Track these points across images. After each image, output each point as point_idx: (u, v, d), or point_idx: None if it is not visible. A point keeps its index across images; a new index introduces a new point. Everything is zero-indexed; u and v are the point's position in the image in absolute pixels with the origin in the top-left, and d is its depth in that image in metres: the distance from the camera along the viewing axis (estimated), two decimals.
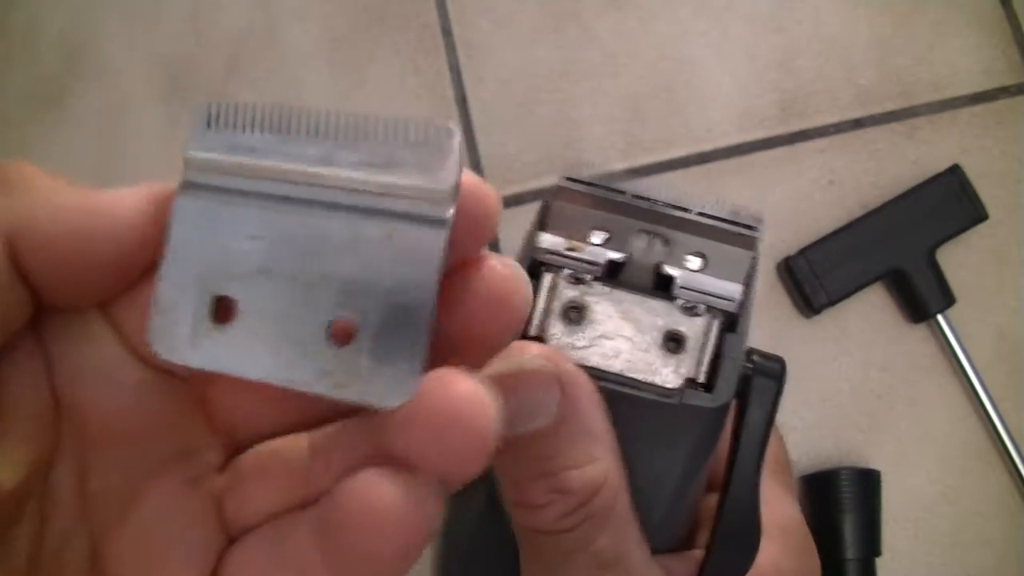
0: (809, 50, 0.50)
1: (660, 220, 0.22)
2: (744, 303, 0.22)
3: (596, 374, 0.21)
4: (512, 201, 0.48)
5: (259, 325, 0.17)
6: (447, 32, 0.50)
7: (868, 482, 0.44)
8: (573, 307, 0.22)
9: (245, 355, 0.17)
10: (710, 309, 0.22)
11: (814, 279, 0.46)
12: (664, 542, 0.25)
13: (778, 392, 0.23)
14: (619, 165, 0.49)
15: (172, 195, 0.17)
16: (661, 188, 0.23)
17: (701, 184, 0.48)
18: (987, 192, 0.47)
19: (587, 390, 0.21)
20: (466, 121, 0.50)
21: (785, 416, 0.46)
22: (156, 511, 0.18)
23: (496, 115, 0.50)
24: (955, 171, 0.47)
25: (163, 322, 0.17)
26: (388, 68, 0.50)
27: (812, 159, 0.49)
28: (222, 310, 0.17)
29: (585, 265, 0.22)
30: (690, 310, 0.22)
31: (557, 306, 0.22)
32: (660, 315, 0.22)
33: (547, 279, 0.22)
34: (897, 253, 0.46)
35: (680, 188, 0.23)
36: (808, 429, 0.46)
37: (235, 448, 0.19)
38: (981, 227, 0.47)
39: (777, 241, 0.48)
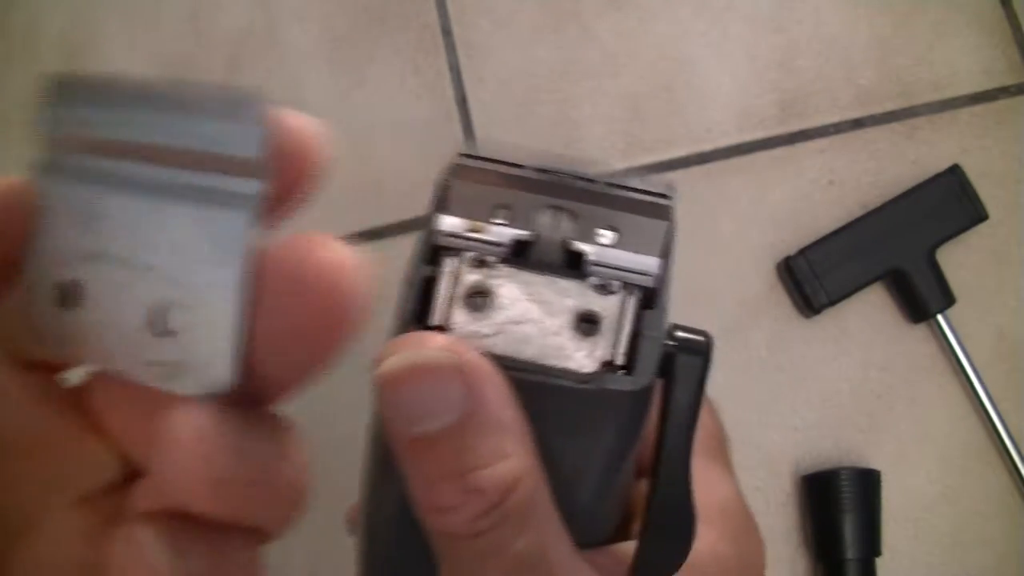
0: (809, 50, 0.50)
1: (566, 193, 0.21)
2: (662, 277, 0.21)
3: (506, 363, 0.20)
4: None
5: (98, 312, 0.17)
6: (447, 32, 0.50)
7: (868, 482, 0.44)
8: (477, 292, 0.20)
9: (87, 342, 0.17)
10: (626, 285, 0.20)
11: (814, 279, 0.46)
12: (595, 535, 0.23)
13: (704, 369, 0.21)
14: (619, 165, 0.49)
15: (22, 186, 0.17)
16: (565, 159, 0.22)
17: (701, 184, 0.48)
18: (987, 192, 0.47)
19: (494, 381, 0.19)
20: (466, 121, 0.50)
21: (785, 416, 0.46)
22: (49, 537, 0.18)
23: (496, 115, 0.50)
24: (955, 171, 0.47)
25: (24, 306, 0.17)
26: (388, 68, 0.50)
27: (812, 159, 0.49)
28: (70, 295, 0.17)
29: (488, 247, 0.20)
30: (604, 288, 0.20)
31: (460, 292, 0.20)
32: (571, 295, 0.20)
33: (449, 264, 0.20)
34: (897, 253, 0.46)
35: (585, 159, 0.22)
36: (808, 429, 0.46)
37: (133, 467, 0.19)
38: (981, 227, 0.47)
39: (777, 241, 0.48)
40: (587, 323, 0.20)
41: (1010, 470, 0.46)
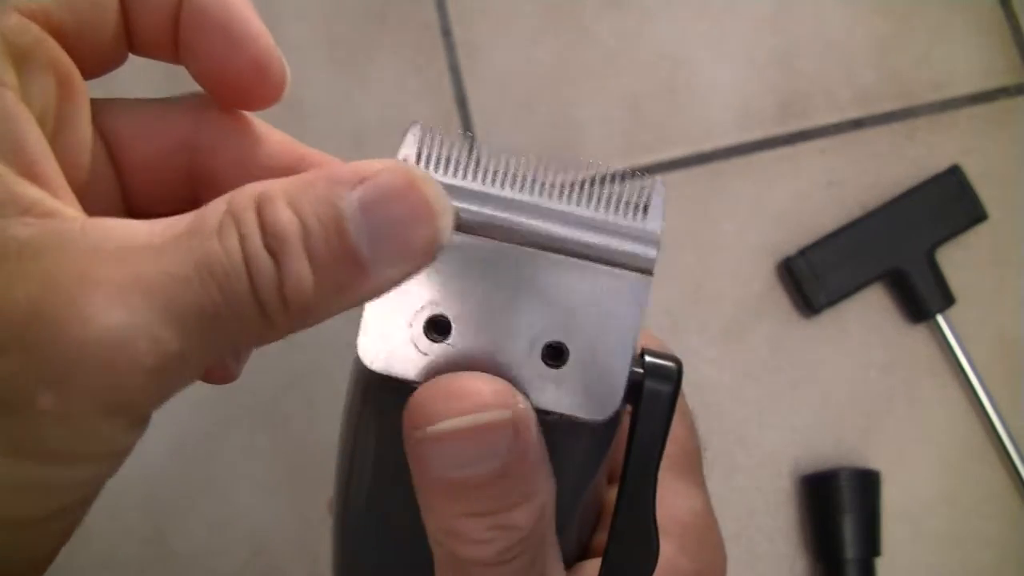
0: (809, 50, 0.50)
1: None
2: None
3: None
4: None
5: (474, 343, 0.19)
6: (447, 32, 0.50)
7: (868, 482, 0.44)
8: (438, 318, 0.21)
9: (460, 369, 0.19)
10: None
11: (814, 279, 0.46)
12: (566, 547, 0.24)
13: (673, 396, 0.22)
14: (619, 165, 0.49)
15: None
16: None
17: (701, 184, 0.48)
18: (987, 192, 0.47)
19: (535, 427, 0.20)
20: (466, 121, 0.50)
21: (785, 416, 0.46)
22: None
23: (496, 115, 0.50)
24: (955, 171, 0.47)
25: (375, 337, 0.19)
26: (388, 68, 0.50)
27: (812, 159, 0.49)
28: (437, 328, 0.19)
29: None
30: None
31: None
32: None
33: None
34: (897, 253, 0.46)
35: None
36: (808, 429, 0.46)
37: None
38: (981, 227, 0.47)
39: (777, 241, 0.48)
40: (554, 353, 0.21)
41: (1010, 470, 0.46)
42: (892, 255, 0.46)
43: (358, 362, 0.20)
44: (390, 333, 0.19)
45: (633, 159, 0.49)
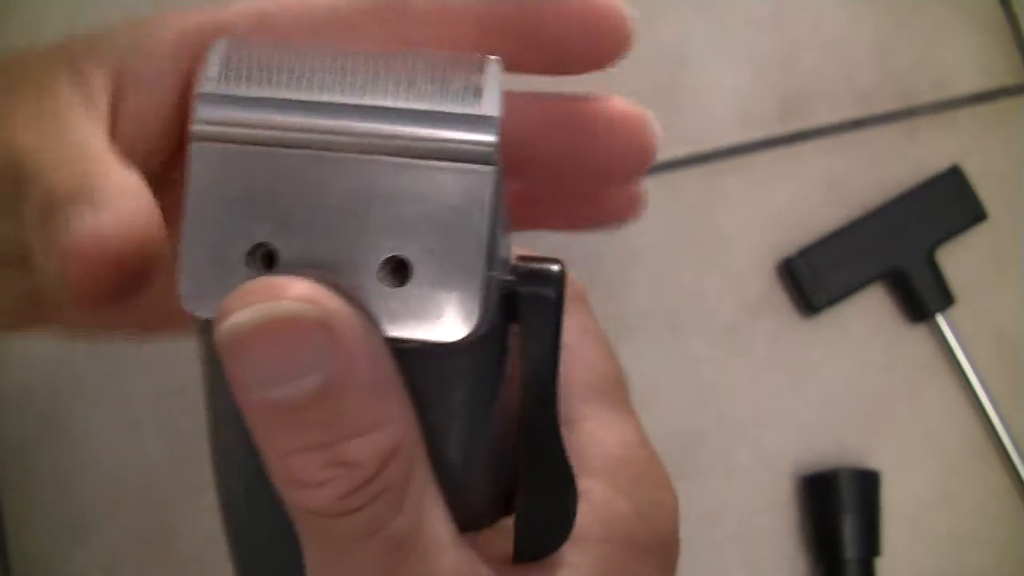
0: (809, 50, 0.50)
1: None
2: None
3: None
4: None
5: (303, 269, 0.17)
6: None
7: (868, 482, 0.44)
8: (262, 248, 0.18)
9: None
10: None
11: (814, 279, 0.46)
12: (476, 505, 0.21)
13: (558, 299, 0.19)
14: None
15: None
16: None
17: (701, 184, 0.48)
18: (987, 192, 0.47)
19: (366, 334, 0.17)
20: None
21: (785, 416, 0.46)
22: None
23: None
24: (955, 171, 0.47)
25: (196, 278, 0.17)
26: None
27: (812, 159, 0.49)
28: (261, 259, 0.17)
29: None
30: None
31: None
32: None
33: None
34: (897, 253, 0.46)
35: None
36: (808, 429, 0.46)
37: None
38: (981, 227, 0.47)
39: (777, 241, 0.48)
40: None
41: (1010, 470, 0.46)
42: (892, 255, 0.46)
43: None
44: (210, 273, 0.17)
45: None
